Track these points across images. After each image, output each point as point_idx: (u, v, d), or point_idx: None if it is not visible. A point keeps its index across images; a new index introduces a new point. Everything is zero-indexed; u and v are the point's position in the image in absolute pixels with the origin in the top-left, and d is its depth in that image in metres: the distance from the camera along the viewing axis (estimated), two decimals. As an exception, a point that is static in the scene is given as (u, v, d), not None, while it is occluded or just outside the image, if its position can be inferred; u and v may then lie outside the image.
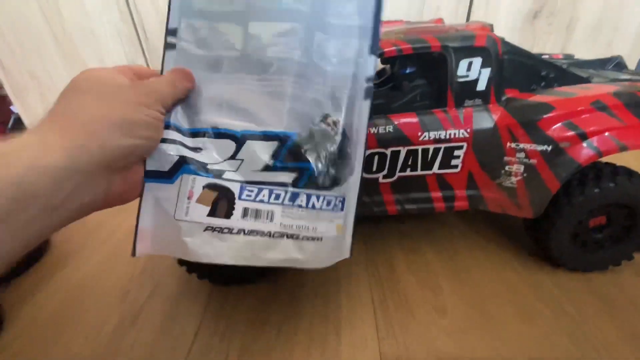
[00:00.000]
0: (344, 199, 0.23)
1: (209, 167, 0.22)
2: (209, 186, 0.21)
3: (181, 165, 0.21)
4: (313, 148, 0.23)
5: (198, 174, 0.21)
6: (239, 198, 0.21)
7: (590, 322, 0.24)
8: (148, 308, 0.27)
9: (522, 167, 0.25)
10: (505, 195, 0.26)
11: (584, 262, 0.27)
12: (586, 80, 0.27)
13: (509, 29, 0.51)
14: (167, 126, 0.21)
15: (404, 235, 0.33)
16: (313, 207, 0.22)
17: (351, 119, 0.23)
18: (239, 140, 0.22)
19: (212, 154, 0.22)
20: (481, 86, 0.25)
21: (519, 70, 0.26)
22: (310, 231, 0.22)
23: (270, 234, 0.22)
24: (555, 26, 0.51)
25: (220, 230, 0.21)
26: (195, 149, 0.22)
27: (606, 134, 0.23)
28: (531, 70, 0.26)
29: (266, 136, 0.23)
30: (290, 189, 0.22)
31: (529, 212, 0.26)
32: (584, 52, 0.52)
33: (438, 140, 0.25)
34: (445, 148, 0.26)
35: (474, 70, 0.25)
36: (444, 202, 0.28)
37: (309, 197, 0.22)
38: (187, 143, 0.22)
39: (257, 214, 0.21)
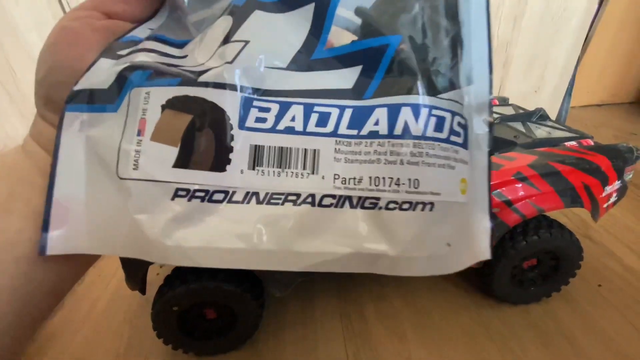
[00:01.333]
0: (465, 125, 0.13)
1: (180, 68, 0.12)
2: (174, 103, 0.11)
3: (130, 74, 0.12)
4: (397, 11, 0.12)
5: (154, 84, 0.12)
6: (241, 125, 0.12)
7: (531, 356, 0.28)
8: (139, 388, 0.28)
9: (464, 228, 0.29)
10: (453, 250, 0.30)
11: (522, 296, 0.32)
12: (513, 144, 0.32)
13: (454, 68, 0.56)
14: (138, 41, 0.13)
15: (374, 281, 0.37)
16: (405, 132, 0.12)
17: None
18: (241, 10, 0.12)
19: (198, 52, 0.13)
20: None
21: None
22: (405, 188, 0.12)
23: (312, 200, 0.12)
24: (494, 65, 0.56)
25: (206, 195, 0.12)
26: (180, 57, 0.13)
27: (527, 200, 0.27)
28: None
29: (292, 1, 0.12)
30: (351, 101, 0.12)
31: (474, 263, 0.30)
32: (519, 84, 0.59)
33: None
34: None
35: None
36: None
37: (393, 111, 0.12)
38: (169, 52, 0.13)
39: (282, 157, 0.12)
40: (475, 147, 0.13)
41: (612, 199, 0.31)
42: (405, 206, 0.12)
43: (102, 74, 0.12)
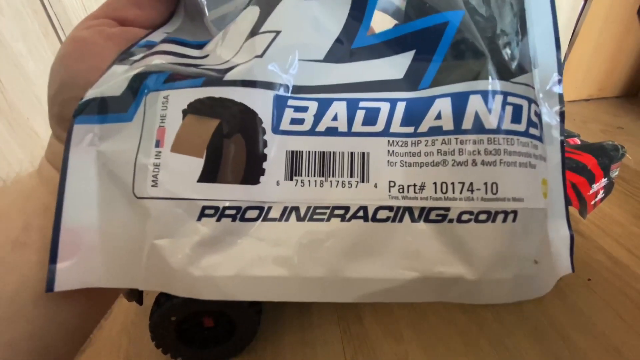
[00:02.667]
0: (541, 114, 0.11)
1: (202, 67, 0.11)
2: (198, 106, 0.10)
3: (145, 78, 0.11)
4: None
5: (174, 86, 0.10)
6: (275, 129, 0.10)
7: (524, 352, 0.29)
8: (139, 398, 0.29)
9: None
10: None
11: (516, 294, 0.33)
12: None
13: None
14: (153, 45, 0.12)
15: (369, 283, 0.37)
16: (477, 126, 0.10)
17: None
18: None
19: (221, 49, 0.12)
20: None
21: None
22: (481, 194, 0.10)
23: (365, 214, 0.10)
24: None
25: (238, 213, 0.10)
26: (201, 57, 0.12)
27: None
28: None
29: None
30: (404, 93, 0.11)
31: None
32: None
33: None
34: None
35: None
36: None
37: (459, 101, 0.10)
38: (188, 53, 0.12)
39: (324, 163, 0.10)
40: (547, 141, 0.11)
41: (599, 196, 0.31)
42: (483, 217, 0.10)
43: (114, 81, 0.11)
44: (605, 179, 0.31)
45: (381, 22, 0.13)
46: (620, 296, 0.33)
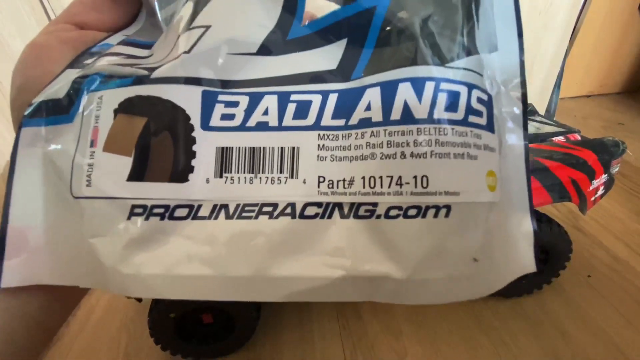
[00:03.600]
0: (489, 101, 0.11)
1: (137, 66, 0.11)
2: (127, 106, 0.10)
3: (85, 79, 0.11)
4: None
5: (108, 86, 0.11)
6: (205, 125, 0.10)
7: (522, 348, 0.29)
8: (138, 394, 0.29)
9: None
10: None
11: (513, 289, 0.33)
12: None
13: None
14: (109, 48, 0.12)
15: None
16: (406, 116, 0.10)
17: None
18: None
19: (161, 48, 0.12)
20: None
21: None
22: (410, 189, 0.10)
23: (292, 211, 0.10)
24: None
25: (167, 212, 0.10)
26: (146, 57, 0.12)
27: (516, 196, 0.28)
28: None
29: None
30: (336, 84, 0.10)
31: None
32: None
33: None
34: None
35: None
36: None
37: (389, 90, 0.10)
38: (136, 54, 0.12)
39: (254, 159, 0.10)
40: (506, 130, 0.11)
41: (600, 192, 0.31)
42: (412, 212, 0.10)
43: (60, 84, 0.11)
44: (606, 175, 0.31)
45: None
46: (620, 292, 0.33)
